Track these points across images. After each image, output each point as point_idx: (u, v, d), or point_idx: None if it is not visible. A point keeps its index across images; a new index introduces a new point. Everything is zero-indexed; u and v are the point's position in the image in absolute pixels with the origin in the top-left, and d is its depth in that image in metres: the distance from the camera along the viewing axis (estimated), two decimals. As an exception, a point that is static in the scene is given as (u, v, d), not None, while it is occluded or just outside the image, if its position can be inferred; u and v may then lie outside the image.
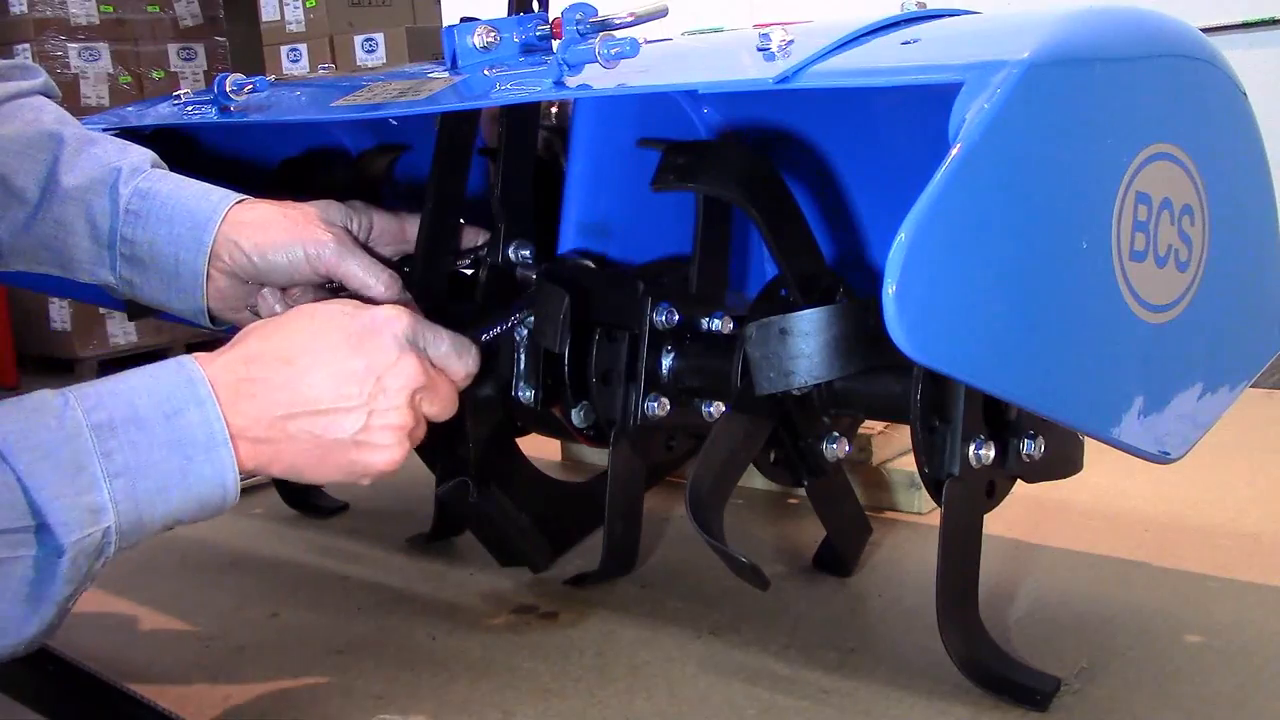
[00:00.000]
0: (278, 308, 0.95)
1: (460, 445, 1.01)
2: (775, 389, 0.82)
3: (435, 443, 1.03)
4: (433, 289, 1.00)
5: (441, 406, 0.82)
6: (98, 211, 0.93)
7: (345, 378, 0.76)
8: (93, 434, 0.69)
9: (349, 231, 0.95)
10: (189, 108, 1.12)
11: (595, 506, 0.96)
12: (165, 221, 0.92)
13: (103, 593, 1.05)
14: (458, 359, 0.82)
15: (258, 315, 0.96)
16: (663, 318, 0.93)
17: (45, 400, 0.70)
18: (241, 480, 0.74)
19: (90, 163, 0.94)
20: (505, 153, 1.00)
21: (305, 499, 1.25)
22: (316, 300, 0.96)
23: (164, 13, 5.31)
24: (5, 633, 0.68)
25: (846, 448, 0.92)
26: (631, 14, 0.88)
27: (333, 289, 0.97)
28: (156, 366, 0.74)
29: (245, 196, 0.94)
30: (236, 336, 0.78)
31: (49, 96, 1.01)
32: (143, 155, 0.95)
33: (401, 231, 1.01)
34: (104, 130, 1.11)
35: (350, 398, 0.76)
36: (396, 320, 0.79)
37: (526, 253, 1.01)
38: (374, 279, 0.92)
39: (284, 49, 5.18)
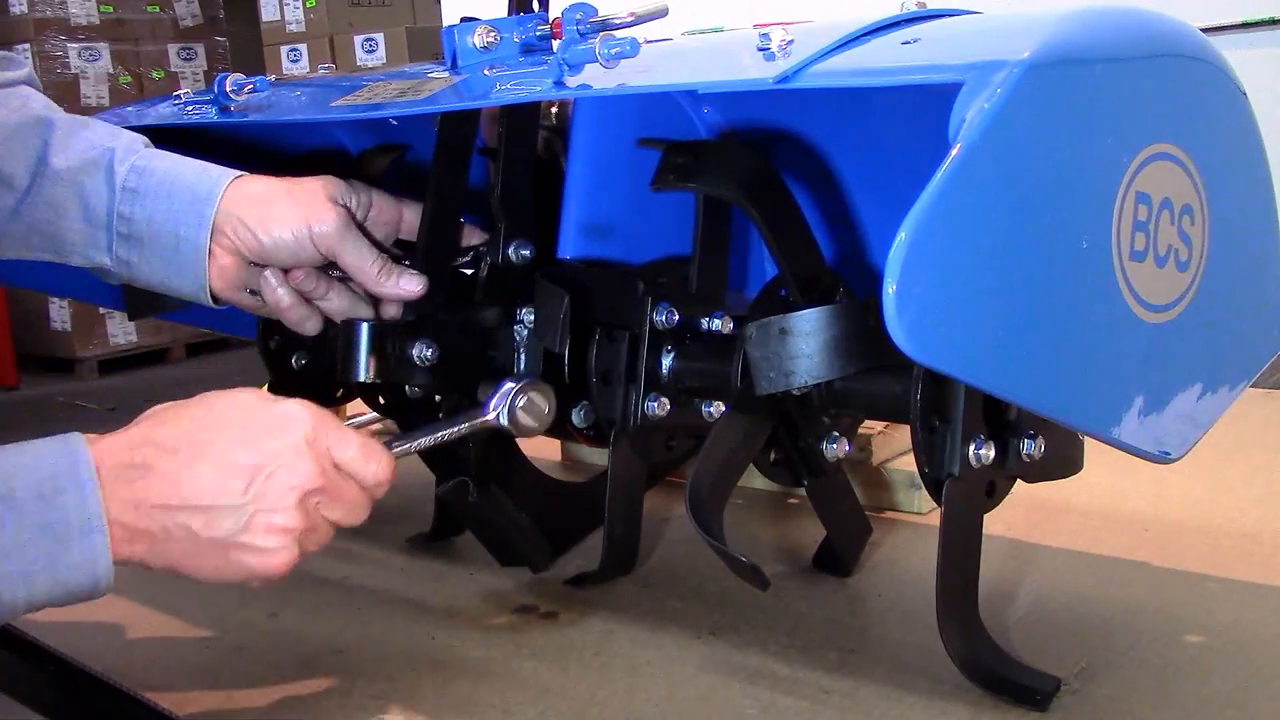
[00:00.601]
0: (280, 290, 0.94)
1: (460, 445, 1.01)
2: (775, 389, 0.82)
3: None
4: (433, 289, 1.00)
5: (346, 512, 0.76)
6: (91, 191, 0.91)
7: (230, 471, 0.71)
8: None
9: (350, 210, 0.94)
10: (189, 108, 1.12)
11: (595, 506, 0.96)
12: (164, 197, 0.90)
13: (103, 593, 1.05)
14: (364, 463, 0.76)
15: (260, 299, 0.95)
16: (663, 318, 0.93)
17: None
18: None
19: (82, 144, 0.93)
20: (505, 153, 1.00)
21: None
22: (320, 285, 0.95)
23: (164, 13, 5.32)
24: None
25: (846, 447, 0.92)
26: (631, 14, 0.88)
27: (338, 275, 0.96)
28: (45, 442, 0.71)
29: (244, 173, 0.93)
30: (141, 415, 0.75)
31: (33, 88, 1.00)
32: (135, 137, 0.94)
33: (398, 214, 0.99)
34: (103, 129, 1.10)
35: (232, 493, 0.71)
36: (300, 419, 0.74)
37: (526, 252, 1.01)
38: (368, 263, 0.91)
39: (284, 49, 5.18)
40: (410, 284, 0.93)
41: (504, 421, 0.86)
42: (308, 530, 0.74)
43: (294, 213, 0.90)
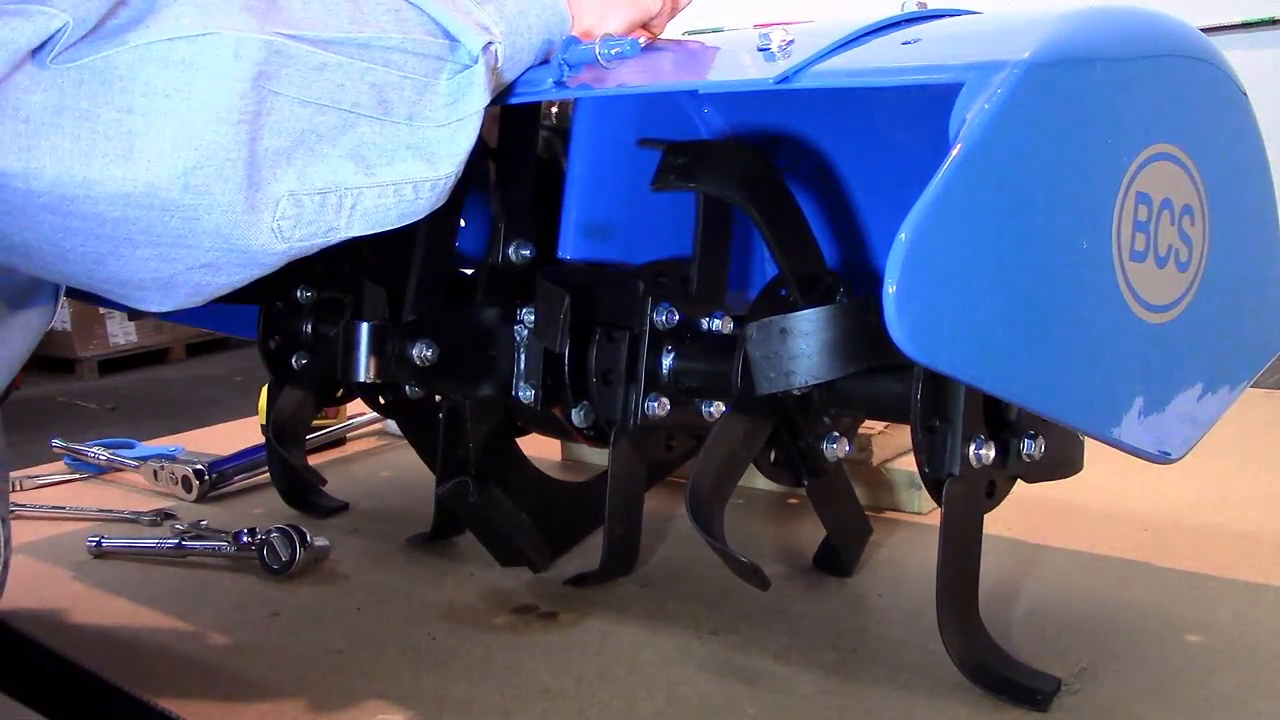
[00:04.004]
0: None
1: (460, 445, 1.01)
2: (776, 389, 0.82)
3: (435, 441, 1.04)
4: (432, 289, 1.00)
5: None
6: None
7: None
8: None
9: None
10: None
11: (595, 506, 0.96)
12: None
13: (103, 592, 1.05)
14: None
15: None
16: (663, 318, 0.93)
17: None
18: None
19: None
20: (505, 153, 1.00)
21: (305, 499, 1.25)
22: None
23: (164, 12, 5.31)
24: (435, 157, 0.73)
25: (847, 447, 0.92)
26: (632, 14, 0.88)
27: None
28: None
29: None
30: None
31: None
32: None
33: None
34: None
35: None
36: None
37: (526, 252, 1.02)
38: None
39: (284, 49, 5.17)
40: None
41: None
42: None
43: None
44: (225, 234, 0.65)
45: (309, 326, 1.22)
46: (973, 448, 0.78)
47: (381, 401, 1.21)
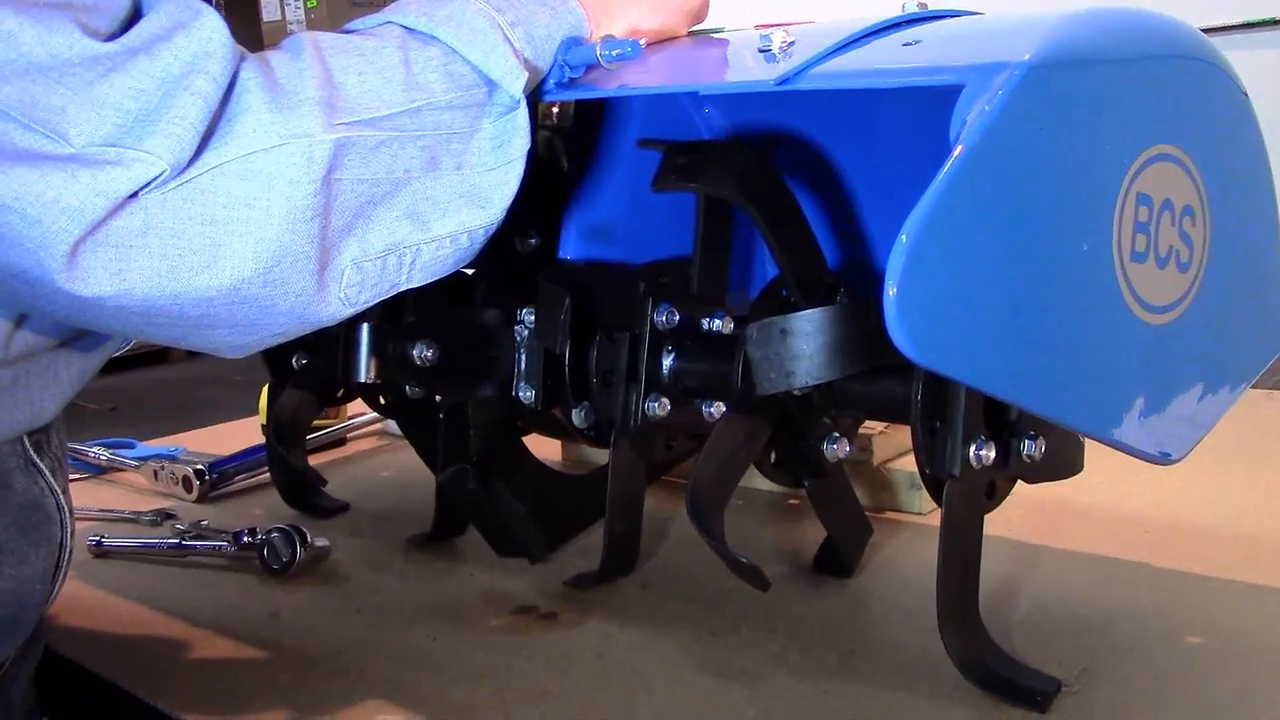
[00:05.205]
0: None
1: (462, 438, 1.01)
2: (776, 389, 0.82)
3: (436, 442, 1.04)
4: (433, 291, 1.00)
5: None
6: None
7: None
8: None
9: None
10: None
11: (595, 499, 0.96)
12: None
13: (103, 592, 1.05)
14: None
15: None
16: (664, 318, 0.93)
17: None
18: None
19: None
20: None
21: (306, 499, 1.25)
22: None
23: (165, 12, 5.30)
24: (488, 202, 0.74)
25: (847, 448, 0.92)
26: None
27: None
28: None
29: None
30: None
31: None
32: None
33: None
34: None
35: None
36: None
37: (533, 241, 1.01)
38: None
39: (285, 49, 5.17)
40: None
41: None
42: None
43: None
44: (299, 313, 0.68)
45: (309, 326, 1.22)
46: (973, 448, 0.78)
47: (382, 402, 1.21)
